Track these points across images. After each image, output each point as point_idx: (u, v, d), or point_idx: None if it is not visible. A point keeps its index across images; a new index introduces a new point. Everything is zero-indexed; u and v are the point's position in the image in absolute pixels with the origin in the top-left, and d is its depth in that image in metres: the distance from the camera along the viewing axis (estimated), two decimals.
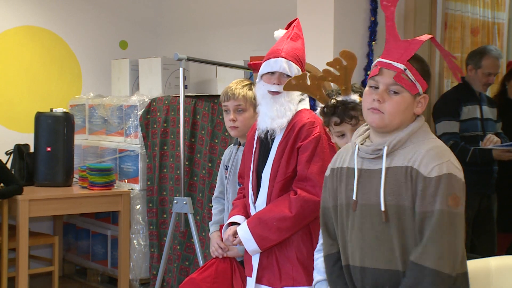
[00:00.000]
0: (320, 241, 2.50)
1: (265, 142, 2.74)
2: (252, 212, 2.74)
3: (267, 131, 2.69)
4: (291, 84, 2.54)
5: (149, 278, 5.20)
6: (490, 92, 5.12)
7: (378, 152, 2.00)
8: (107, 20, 6.29)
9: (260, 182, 2.73)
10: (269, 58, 2.71)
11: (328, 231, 2.16)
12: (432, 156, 1.93)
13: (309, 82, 2.51)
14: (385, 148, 1.98)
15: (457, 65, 2.13)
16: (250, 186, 2.76)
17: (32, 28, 5.91)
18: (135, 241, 5.20)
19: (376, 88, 2.00)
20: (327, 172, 2.19)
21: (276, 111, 2.66)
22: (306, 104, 2.78)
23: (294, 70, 2.68)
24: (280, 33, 2.86)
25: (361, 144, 2.05)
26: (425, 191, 1.90)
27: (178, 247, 4.89)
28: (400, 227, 1.93)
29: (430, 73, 2.06)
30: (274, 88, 2.68)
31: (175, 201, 4.13)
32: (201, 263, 3.96)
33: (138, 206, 5.20)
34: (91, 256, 5.57)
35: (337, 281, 2.08)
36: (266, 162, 2.71)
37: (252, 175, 2.76)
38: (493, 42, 5.31)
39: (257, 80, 2.80)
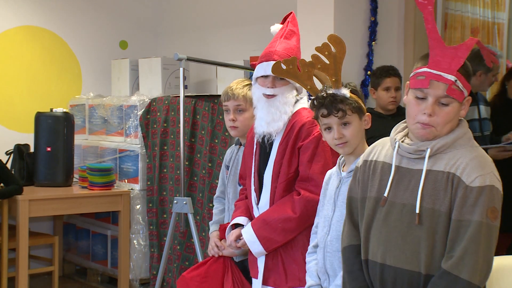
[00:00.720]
0: (311, 244, 2.50)
1: (266, 143, 2.72)
2: (255, 213, 2.74)
3: (264, 135, 2.68)
4: (281, 69, 2.51)
5: (149, 278, 5.20)
6: (490, 92, 5.12)
7: (421, 153, 1.96)
8: (107, 20, 6.29)
9: (262, 183, 2.72)
10: (262, 61, 2.69)
11: (353, 221, 2.14)
12: (476, 166, 1.90)
13: (300, 69, 2.49)
14: (428, 150, 1.94)
15: (492, 56, 2.08)
16: (253, 187, 2.75)
17: (32, 28, 5.91)
18: (135, 241, 5.20)
19: (423, 99, 1.94)
20: (359, 163, 2.17)
21: (272, 115, 2.65)
22: (304, 104, 2.75)
23: None
24: (276, 28, 2.84)
25: (402, 142, 2.02)
26: (465, 200, 1.88)
27: (178, 247, 4.89)
28: (431, 231, 1.91)
29: (471, 72, 2.00)
30: (269, 91, 2.67)
31: (175, 201, 4.12)
32: None
33: (138, 206, 5.20)
34: (91, 256, 5.57)
35: (358, 274, 2.06)
36: (267, 163, 2.71)
37: (254, 177, 2.75)
38: (493, 42, 5.31)
39: (252, 83, 2.79)
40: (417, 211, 1.92)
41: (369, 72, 4.26)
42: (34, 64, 5.90)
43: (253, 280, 2.76)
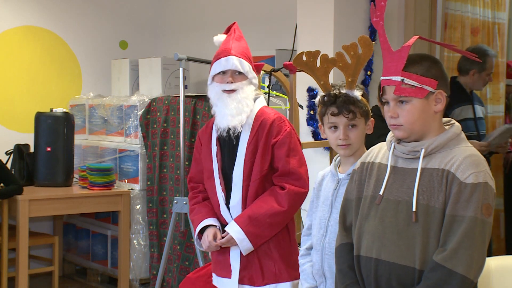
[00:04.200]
0: (304, 245, 2.50)
1: (229, 142, 2.72)
2: (225, 213, 2.73)
3: (229, 129, 2.67)
4: (301, 60, 2.51)
5: (149, 278, 5.20)
6: (491, 92, 5.12)
7: (415, 153, 2.03)
8: (107, 20, 6.29)
9: (231, 183, 2.71)
10: (219, 58, 2.71)
11: (344, 222, 2.19)
12: (470, 163, 1.95)
13: (318, 64, 2.49)
14: (423, 150, 2.01)
15: (465, 51, 2.14)
16: (219, 187, 2.73)
17: (32, 28, 5.91)
18: (135, 241, 5.20)
19: (388, 104, 2.06)
20: (356, 165, 2.22)
21: (235, 108, 2.67)
22: (263, 102, 2.79)
23: (246, 67, 2.69)
24: (220, 37, 2.84)
25: (397, 143, 2.08)
26: (459, 195, 1.92)
27: (178, 247, 4.89)
28: (425, 227, 1.95)
29: (437, 66, 2.04)
30: (229, 86, 2.69)
31: (175, 201, 4.13)
32: (201, 263, 3.96)
33: (138, 206, 5.20)
34: (91, 256, 5.57)
35: (348, 271, 2.11)
36: (233, 162, 2.70)
37: (219, 176, 2.74)
38: (493, 42, 5.30)
39: (208, 83, 2.80)
40: (414, 209, 1.96)
41: (369, 72, 4.27)
42: (34, 64, 5.90)
43: (224, 280, 2.74)
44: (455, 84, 4.37)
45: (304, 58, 2.49)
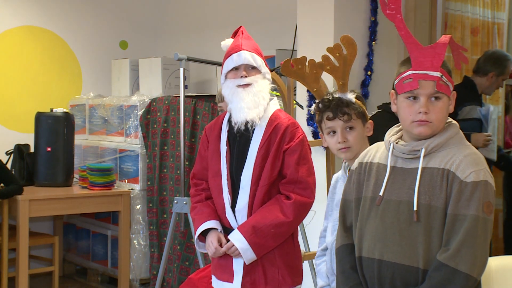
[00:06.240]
0: (320, 247, 2.50)
1: (239, 142, 2.66)
2: (229, 216, 2.64)
3: (247, 123, 2.60)
4: (289, 69, 2.47)
5: (149, 278, 5.20)
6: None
7: (415, 153, 2.02)
8: (107, 20, 6.29)
9: (238, 185, 2.64)
10: (231, 55, 2.67)
11: (344, 223, 2.18)
12: (470, 162, 1.96)
13: (308, 70, 2.48)
14: (423, 150, 2.00)
15: (463, 55, 2.14)
16: (226, 189, 2.65)
17: (32, 28, 5.91)
18: (135, 241, 5.20)
19: (415, 100, 2.00)
20: (354, 166, 2.20)
21: (252, 101, 2.60)
22: (276, 105, 2.72)
23: (259, 61, 2.64)
24: (227, 42, 2.80)
25: (396, 143, 2.07)
26: (460, 195, 1.93)
27: (178, 247, 4.89)
28: (428, 226, 1.96)
29: (450, 69, 2.07)
30: (243, 81, 2.62)
31: (175, 201, 4.13)
32: (201, 263, 3.97)
33: (138, 206, 5.20)
34: (91, 256, 5.57)
35: (351, 273, 2.10)
36: (243, 164, 2.63)
37: (227, 178, 2.66)
38: (493, 42, 5.30)
39: (221, 82, 2.73)
40: (415, 208, 1.96)
41: (369, 72, 4.27)
42: (34, 64, 5.91)
43: (225, 284, 2.68)
44: (469, 83, 4.41)
45: (293, 67, 2.46)
